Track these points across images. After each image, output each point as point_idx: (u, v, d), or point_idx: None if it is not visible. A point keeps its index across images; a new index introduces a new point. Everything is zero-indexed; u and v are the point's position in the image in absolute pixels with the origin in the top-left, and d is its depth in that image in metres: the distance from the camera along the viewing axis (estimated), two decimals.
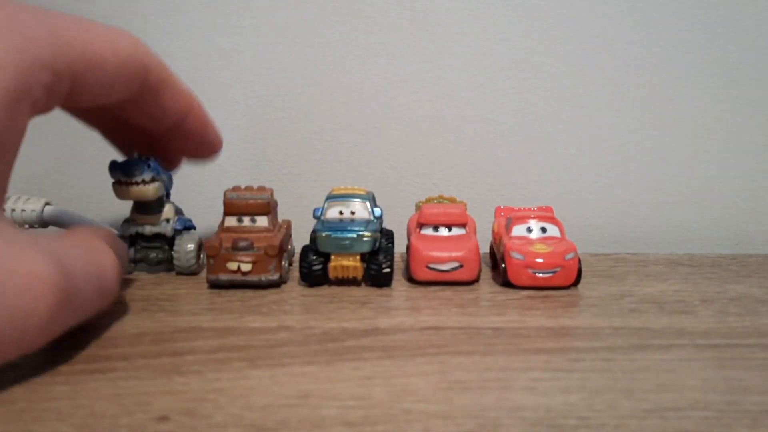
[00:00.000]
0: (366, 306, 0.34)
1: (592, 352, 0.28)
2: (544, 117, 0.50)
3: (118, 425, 0.21)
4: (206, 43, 0.49)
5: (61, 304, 0.24)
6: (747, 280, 0.39)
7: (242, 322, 0.31)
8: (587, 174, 0.51)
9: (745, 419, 0.22)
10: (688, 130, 0.50)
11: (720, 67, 0.50)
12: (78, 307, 0.26)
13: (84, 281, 0.26)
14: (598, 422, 0.21)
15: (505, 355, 0.27)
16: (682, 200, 0.51)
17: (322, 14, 0.49)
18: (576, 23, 0.49)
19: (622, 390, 0.24)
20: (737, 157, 0.51)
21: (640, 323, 0.31)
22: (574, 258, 0.37)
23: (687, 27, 0.49)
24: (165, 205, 0.39)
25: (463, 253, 0.37)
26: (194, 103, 0.34)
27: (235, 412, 0.22)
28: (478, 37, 0.49)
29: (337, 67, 0.49)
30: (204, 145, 0.36)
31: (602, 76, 0.50)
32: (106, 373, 0.25)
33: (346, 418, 0.22)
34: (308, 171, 0.51)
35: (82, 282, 0.26)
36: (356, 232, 0.37)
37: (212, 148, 0.37)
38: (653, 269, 0.41)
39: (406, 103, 0.50)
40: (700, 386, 0.24)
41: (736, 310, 0.33)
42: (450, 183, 0.51)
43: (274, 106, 0.50)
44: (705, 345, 0.28)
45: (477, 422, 0.21)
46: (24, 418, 0.22)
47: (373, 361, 0.26)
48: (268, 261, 0.36)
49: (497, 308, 0.34)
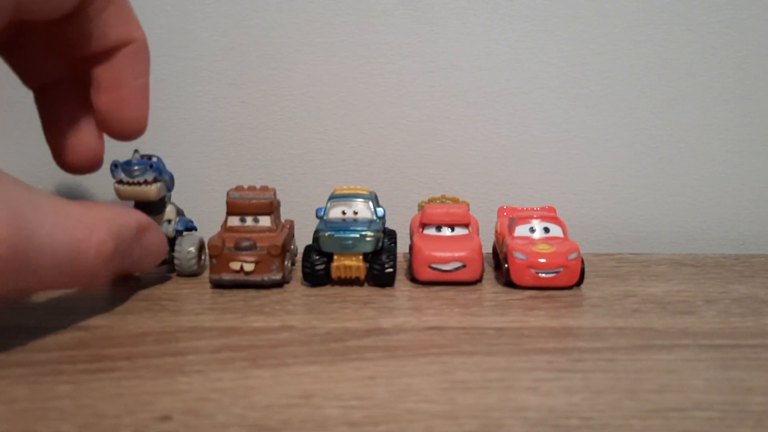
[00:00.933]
0: (369, 306, 0.34)
1: (595, 352, 0.28)
2: (548, 117, 0.50)
3: (121, 425, 0.21)
4: (210, 42, 0.49)
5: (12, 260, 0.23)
6: (750, 280, 0.39)
7: (245, 322, 0.31)
8: (590, 174, 0.51)
9: (749, 420, 0.22)
10: (692, 129, 0.50)
11: (725, 66, 0.49)
12: (36, 270, 0.24)
13: (47, 248, 0.24)
14: (601, 423, 0.21)
15: (507, 356, 0.27)
16: (685, 200, 0.51)
17: (326, 14, 0.49)
18: (580, 23, 0.49)
19: (625, 390, 0.24)
20: (742, 156, 0.50)
21: (643, 323, 0.31)
22: (577, 258, 0.37)
23: (692, 26, 0.49)
24: (167, 205, 0.39)
25: (465, 253, 0.37)
26: (140, 38, 0.32)
27: (237, 412, 0.22)
28: (481, 37, 0.49)
29: (340, 67, 0.49)
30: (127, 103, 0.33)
31: (606, 76, 0.50)
32: (108, 373, 0.25)
33: (349, 418, 0.22)
34: (312, 171, 0.51)
35: (44, 248, 0.24)
36: (359, 232, 0.37)
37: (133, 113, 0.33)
38: (656, 269, 0.41)
39: (410, 103, 0.50)
40: (703, 387, 0.24)
41: (739, 310, 0.33)
42: (453, 183, 0.51)
43: (277, 105, 0.50)
44: (708, 345, 0.28)
45: (479, 422, 0.21)
46: (27, 417, 0.22)
47: (376, 361, 0.26)
48: (270, 261, 0.36)
49: (500, 308, 0.34)
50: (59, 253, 0.25)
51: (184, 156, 0.49)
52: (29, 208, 0.24)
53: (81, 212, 0.27)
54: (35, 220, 0.24)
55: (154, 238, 0.34)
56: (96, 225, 0.28)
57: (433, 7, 0.49)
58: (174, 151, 0.49)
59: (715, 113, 0.50)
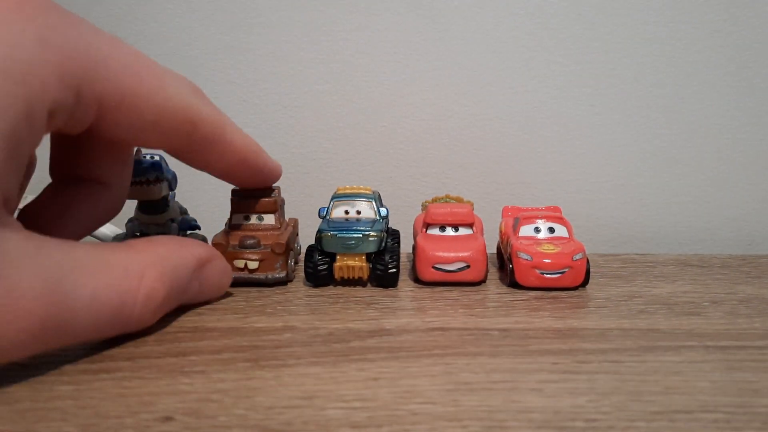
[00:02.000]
0: (372, 306, 0.34)
1: (600, 353, 0.27)
2: (553, 116, 0.50)
3: (123, 425, 0.21)
4: (214, 41, 0.49)
5: (44, 329, 0.22)
6: (757, 281, 0.39)
7: (247, 322, 0.31)
8: (596, 174, 0.51)
9: (755, 422, 0.21)
10: (699, 129, 0.50)
11: (731, 66, 0.49)
12: (72, 332, 0.24)
13: (86, 310, 0.24)
14: (606, 425, 0.21)
15: (512, 357, 0.27)
16: (692, 200, 0.51)
17: (329, 12, 0.49)
18: (585, 22, 0.49)
19: (630, 392, 0.23)
20: (749, 156, 0.50)
21: (649, 325, 0.31)
22: (582, 258, 0.36)
23: (698, 25, 0.49)
24: (170, 204, 0.39)
25: (469, 253, 0.37)
26: (248, 156, 0.33)
27: (239, 413, 0.22)
28: (486, 36, 0.49)
29: (344, 66, 0.49)
30: (252, 184, 0.36)
31: (612, 75, 0.49)
32: (110, 373, 0.25)
33: (352, 419, 0.21)
34: (314, 170, 0.51)
35: (83, 311, 0.24)
36: (362, 232, 0.37)
37: (263, 184, 0.37)
38: (662, 270, 0.41)
39: (414, 102, 0.50)
40: (709, 389, 0.24)
41: (746, 311, 0.33)
42: (457, 182, 0.51)
43: (280, 104, 0.50)
44: (714, 347, 0.28)
45: (483, 424, 0.21)
46: (28, 417, 0.22)
47: (379, 362, 0.26)
48: (274, 259, 0.36)
49: (504, 309, 0.33)
50: (101, 312, 0.25)
51: None
52: (70, 272, 0.23)
53: (129, 259, 0.26)
54: (76, 285, 0.24)
55: (216, 269, 0.32)
56: (146, 270, 0.26)
57: (438, 5, 0.49)
58: None
59: (722, 112, 0.50)
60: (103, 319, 0.25)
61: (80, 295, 0.24)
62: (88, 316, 0.24)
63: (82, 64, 0.23)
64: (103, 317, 0.25)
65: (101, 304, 0.24)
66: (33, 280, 0.22)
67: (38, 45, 0.22)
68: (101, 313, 0.25)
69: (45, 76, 0.22)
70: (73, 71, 0.23)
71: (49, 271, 0.23)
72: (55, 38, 0.23)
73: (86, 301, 0.24)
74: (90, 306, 0.24)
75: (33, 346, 0.23)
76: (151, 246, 0.28)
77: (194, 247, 0.31)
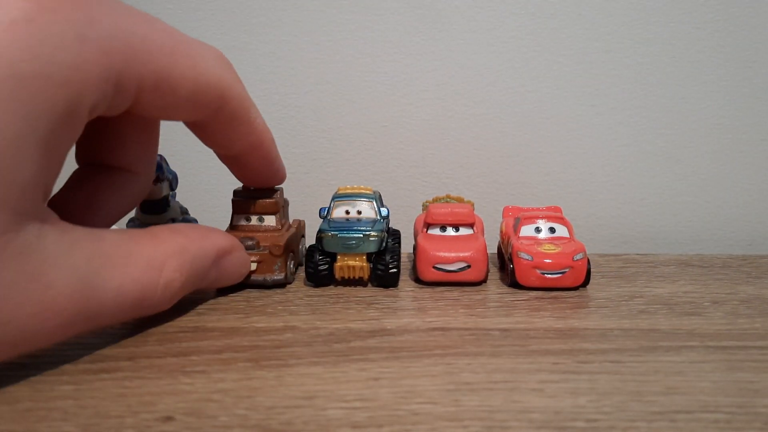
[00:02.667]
0: (372, 306, 0.34)
1: (601, 353, 0.27)
2: (553, 116, 0.50)
3: (123, 425, 0.21)
4: (214, 41, 0.49)
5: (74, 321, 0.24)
6: (758, 281, 0.39)
7: (248, 323, 0.31)
8: (596, 173, 0.51)
9: (756, 422, 0.21)
10: (700, 129, 0.50)
11: (732, 65, 0.49)
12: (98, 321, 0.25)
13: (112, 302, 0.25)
14: (607, 425, 0.21)
15: (512, 357, 0.27)
16: (693, 200, 0.51)
17: (330, 12, 0.49)
18: (586, 21, 0.49)
19: (631, 392, 0.23)
20: (749, 156, 0.50)
21: (650, 325, 0.31)
22: (583, 258, 0.36)
23: (699, 25, 0.49)
24: (170, 204, 0.39)
25: (470, 253, 0.37)
26: (264, 141, 0.33)
27: (240, 413, 0.22)
28: (486, 36, 0.49)
29: (345, 66, 0.49)
30: (259, 177, 0.36)
31: (613, 74, 0.49)
32: (111, 373, 0.25)
33: (352, 419, 0.21)
34: (315, 170, 0.51)
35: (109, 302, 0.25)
36: (362, 232, 0.37)
37: (268, 181, 0.37)
38: (663, 270, 0.41)
39: (414, 102, 0.50)
40: (710, 389, 0.24)
41: (747, 311, 0.33)
42: (458, 182, 0.51)
43: (280, 104, 0.50)
44: (715, 347, 0.28)
45: (484, 424, 0.21)
46: (29, 417, 0.22)
47: (380, 362, 0.26)
48: (272, 261, 0.36)
49: (505, 309, 0.33)
50: (125, 303, 0.26)
51: (188, 155, 0.49)
52: (101, 268, 0.25)
53: (152, 250, 0.27)
54: (104, 279, 0.25)
55: (235, 260, 0.33)
56: (166, 261, 0.28)
57: (438, 5, 0.49)
58: (177, 150, 0.48)
59: (722, 112, 0.50)
60: (125, 308, 0.26)
61: (108, 288, 0.25)
62: (113, 306, 0.25)
63: (122, 54, 0.23)
64: (126, 307, 0.26)
65: (125, 296, 0.26)
66: (68, 278, 0.23)
67: (78, 44, 0.22)
68: (125, 303, 0.26)
69: (86, 74, 0.22)
70: (113, 64, 0.23)
71: (82, 269, 0.24)
72: (94, 33, 0.22)
73: (112, 294, 0.25)
74: (116, 299, 0.25)
75: (62, 335, 0.24)
76: (173, 235, 0.29)
77: (216, 238, 0.32)
